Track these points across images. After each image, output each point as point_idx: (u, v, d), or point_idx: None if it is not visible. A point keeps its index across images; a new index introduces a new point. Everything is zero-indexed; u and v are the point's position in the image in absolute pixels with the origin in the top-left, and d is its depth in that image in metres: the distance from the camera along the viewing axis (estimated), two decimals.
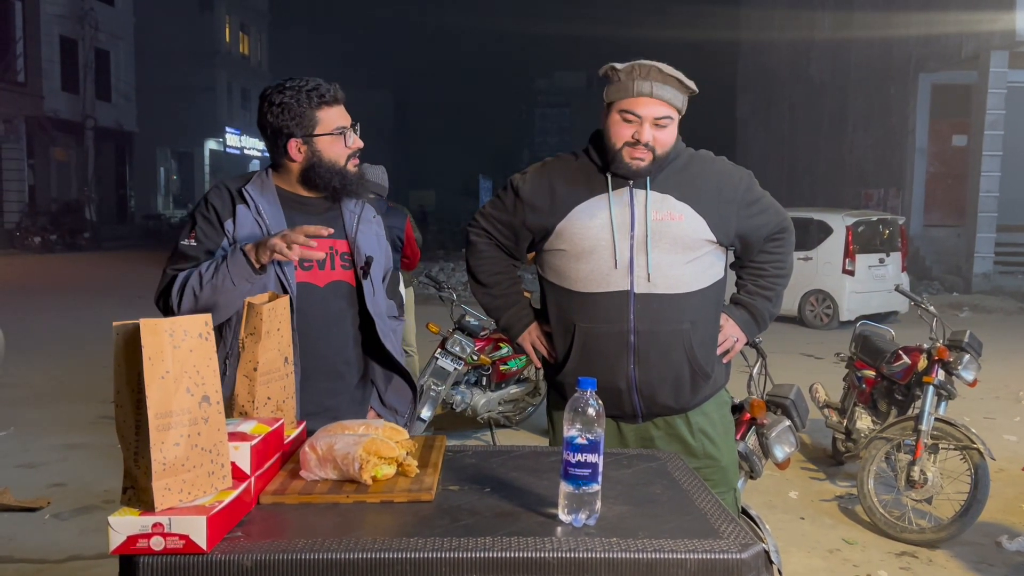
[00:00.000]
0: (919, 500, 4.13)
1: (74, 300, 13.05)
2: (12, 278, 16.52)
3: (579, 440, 1.49)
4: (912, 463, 4.08)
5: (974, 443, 3.93)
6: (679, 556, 1.40)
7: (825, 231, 11.42)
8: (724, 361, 2.39)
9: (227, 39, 41.34)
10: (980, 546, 4.00)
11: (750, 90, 27.75)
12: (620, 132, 2.16)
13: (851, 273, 11.16)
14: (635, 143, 2.14)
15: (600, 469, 1.50)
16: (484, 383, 5.69)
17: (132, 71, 32.00)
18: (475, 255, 2.48)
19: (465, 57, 50.74)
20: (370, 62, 52.44)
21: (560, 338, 2.33)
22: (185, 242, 2.10)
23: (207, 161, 40.67)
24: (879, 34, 18.78)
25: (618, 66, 2.17)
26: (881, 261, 11.50)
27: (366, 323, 2.21)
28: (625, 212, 2.21)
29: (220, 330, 2.10)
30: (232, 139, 42.35)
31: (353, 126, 2.16)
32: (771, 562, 2.67)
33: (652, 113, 2.13)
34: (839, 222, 11.36)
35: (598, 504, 1.52)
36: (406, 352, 6.20)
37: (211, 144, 40.95)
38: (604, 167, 2.23)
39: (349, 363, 2.22)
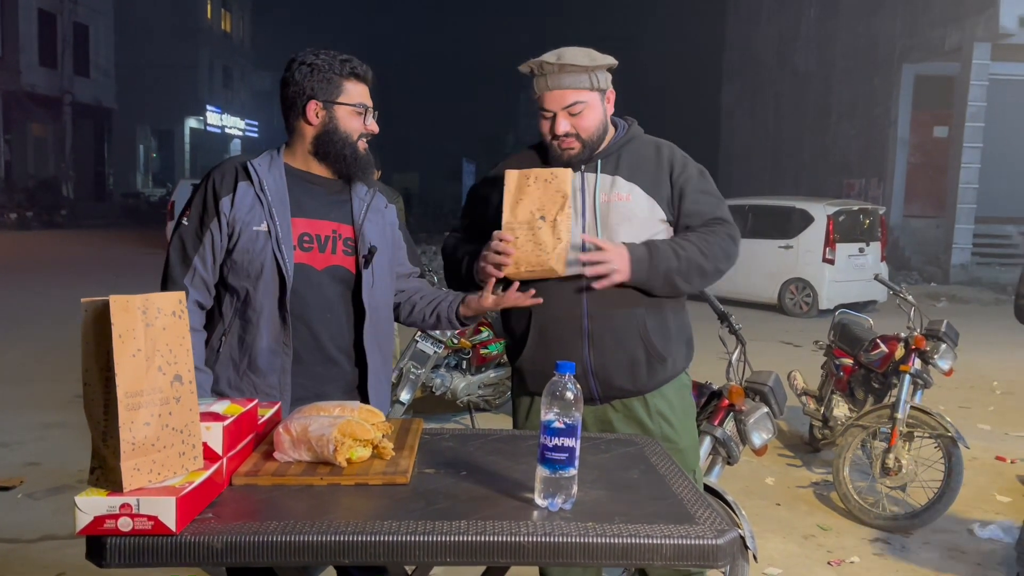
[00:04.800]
0: (893, 487, 4.18)
1: (51, 278, 12.90)
2: None
3: (556, 424, 1.48)
4: (887, 451, 4.12)
5: (948, 431, 3.97)
6: (655, 541, 1.40)
7: (806, 220, 11.49)
8: (596, 286, 2.16)
9: (209, 16, 40.81)
10: (952, 533, 4.05)
11: (735, 79, 27.76)
12: (543, 128, 2.24)
13: (831, 262, 11.23)
14: (556, 137, 2.20)
15: (577, 453, 1.50)
16: (464, 367, 5.68)
17: (112, 46, 31.51)
18: (445, 251, 2.45)
19: (451, 40, 50.43)
20: (354, 42, 52.03)
21: (518, 323, 2.33)
22: (185, 221, 2.09)
23: (187, 139, 40.24)
24: (864, 25, 18.83)
25: (524, 68, 2.22)
26: (861, 251, 11.57)
27: (359, 314, 2.15)
28: (576, 197, 2.23)
29: (218, 305, 2.10)
30: (213, 117, 41.89)
31: (373, 112, 2.15)
32: (746, 547, 2.71)
33: (559, 104, 2.18)
34: (820, 211, 11.42)
35: (574, 489, 1.51)
36: None
37: (192, 122, 40.50)
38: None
39: (343, 351, 2.16)
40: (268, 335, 2.06)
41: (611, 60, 2.23)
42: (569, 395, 1.48)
